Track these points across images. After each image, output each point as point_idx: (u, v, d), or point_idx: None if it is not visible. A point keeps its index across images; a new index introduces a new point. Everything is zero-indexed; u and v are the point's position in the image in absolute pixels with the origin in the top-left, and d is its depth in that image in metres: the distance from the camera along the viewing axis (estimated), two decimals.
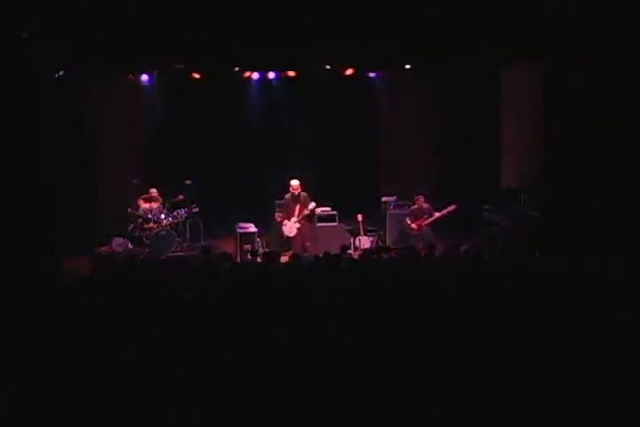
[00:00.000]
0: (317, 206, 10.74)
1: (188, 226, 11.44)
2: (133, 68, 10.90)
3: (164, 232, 10.80)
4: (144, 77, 11.41)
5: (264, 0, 8.51)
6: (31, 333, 4.98)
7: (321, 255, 7.59)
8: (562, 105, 9.69)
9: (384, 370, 4.38)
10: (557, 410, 4.04)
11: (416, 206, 10.65)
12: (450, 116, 12.25)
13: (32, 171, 8.63)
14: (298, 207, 10.45)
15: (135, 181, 11.18)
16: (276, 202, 11.41)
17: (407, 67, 11.43)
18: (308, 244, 10.40)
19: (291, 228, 10.48)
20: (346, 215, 11.14)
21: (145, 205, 11.03)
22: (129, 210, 10.93)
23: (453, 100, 12.07)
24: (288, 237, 10.54)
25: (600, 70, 9.01)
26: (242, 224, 10.81)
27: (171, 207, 11.21)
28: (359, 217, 10.91)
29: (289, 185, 10.47)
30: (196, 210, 11.35)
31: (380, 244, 11.07)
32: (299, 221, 10.43)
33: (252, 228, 10.72)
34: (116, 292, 6.01)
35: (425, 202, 10.65)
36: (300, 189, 10.50)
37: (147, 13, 8.34)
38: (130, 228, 11.01)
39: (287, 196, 10.57)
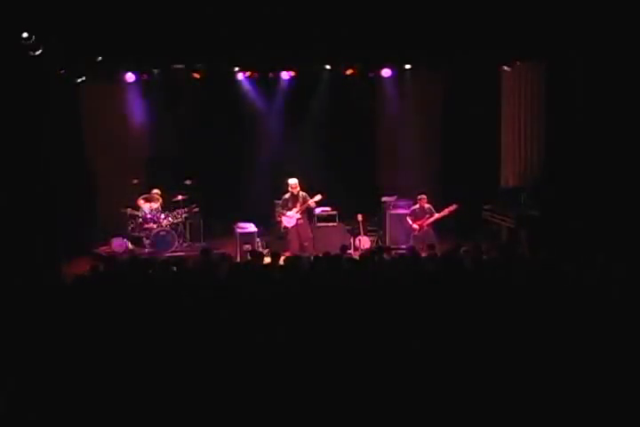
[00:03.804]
0: (318, 206, 10.75)
1: (188, 226, 11.43)
2: (133, 68, 10.89)
3: (163, 232, 10.80)
4: (144, 77, 11.39)
5: (264, 0, 8.51)
6: (31, 332, 4.97)
7: (320, 255, 7.58)
8: (562, 105, 9.68)
9: (383, 370, 4.38)
10: (558, 411, 4.04)
11: (418, 206, 10.65)
12: (450, 115, 12.24)
13: (32, 171, 8.63)
14: (298, 206, 10.45)
15: (135, 181, 11.18)
16: (276, 202, 11.41)
17: (407, 67, 11.44)
18: (306, 243, 10.40)
19: (290, 218, 10.46)
20: (346, 215, 11.14)
21: (145, 205, 11.03)
22: (129, 210, 10.93)
23: (453, 100, 12.07)
24: (285, 230, 10.53)
25: (600, 70, 9.01)
26: (242, 224, 10.80)
27: (170, 207, 11.21)
28: (359, 217, 10.91)
29: (287, 184, 10.49)
30: (196, 210, 11.35)
31: (380, 244, 11.06)
32: (299, 212, 10.43)
33: (251, 228, 10.71)
34: (115, 292, 6.00)
35: (427, 202, 10.65)
36: (298, 188, 10.50)
37: (147, 13, 8.34)
38: (130, 228, 11.01)
39: (286, 196, 10.57)
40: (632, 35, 8.42)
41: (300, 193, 10.51)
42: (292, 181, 10.51)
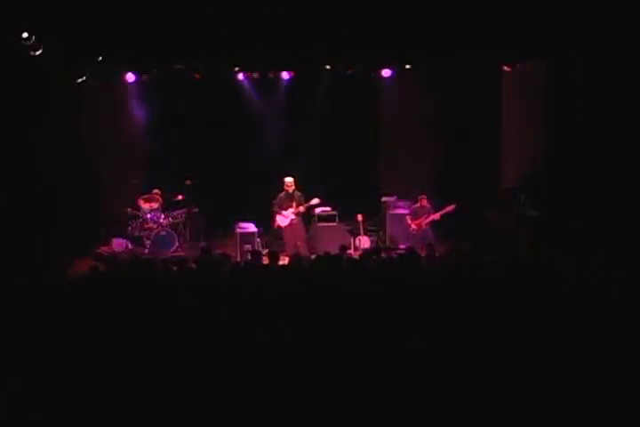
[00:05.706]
0: (317, 206, 10.74)
1: (188, 226, 11.44)
2: (133, 68, 10.90)
3: (164, 232, 10.80)
4: (144, 77, 11.39)
5: (264, 0, 8.51)
6: (31, 332, 4.98)
7: (321, 255, 7.59)
8: (562, 105, 9.68)
9: (383, 370, 4.38)
10: (558, 411, 4.04)
11: (418, 205, 10.68)
12: (450, 116, 12.24)
13: (32, 171, 8.63)
14: (294, 205, 10.44)
15: (135, 181, 11.18)
16: (274, 202, 11.40)
17: (407, 67, 11.44)
18: (299, 243, 10.37)
19: (285, 217, 10.46)
20: (346, 215, 11.15)
21: (145, 205, 11.04)
22: (129, 210, 10.93)
23: (453, 100, 12.07)
24: (279, 229, 10.54)
25: (600, 70, 9.00)
26: (242, 224, 10.80)
27: (171, 207, 11.21)
28: (359, 217, 10.91)
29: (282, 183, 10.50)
30: (196, 210, 11.35)
31: (380, 244, 11.06)
32: (295, 213, 10.42)
33: (252, 228, 10.72)
34: (115, 292, 6.00)
35: (427, 202, 10.66)
36: (294, 187, 10.49)
37: (147, 13, 8.34)
38: (130, 228, 11.01)
39: (281, 194, 10.56)
40: (632, 35, 8.42)
41: (296, 192, 10.51)
42: (288, 180, 10.51)
